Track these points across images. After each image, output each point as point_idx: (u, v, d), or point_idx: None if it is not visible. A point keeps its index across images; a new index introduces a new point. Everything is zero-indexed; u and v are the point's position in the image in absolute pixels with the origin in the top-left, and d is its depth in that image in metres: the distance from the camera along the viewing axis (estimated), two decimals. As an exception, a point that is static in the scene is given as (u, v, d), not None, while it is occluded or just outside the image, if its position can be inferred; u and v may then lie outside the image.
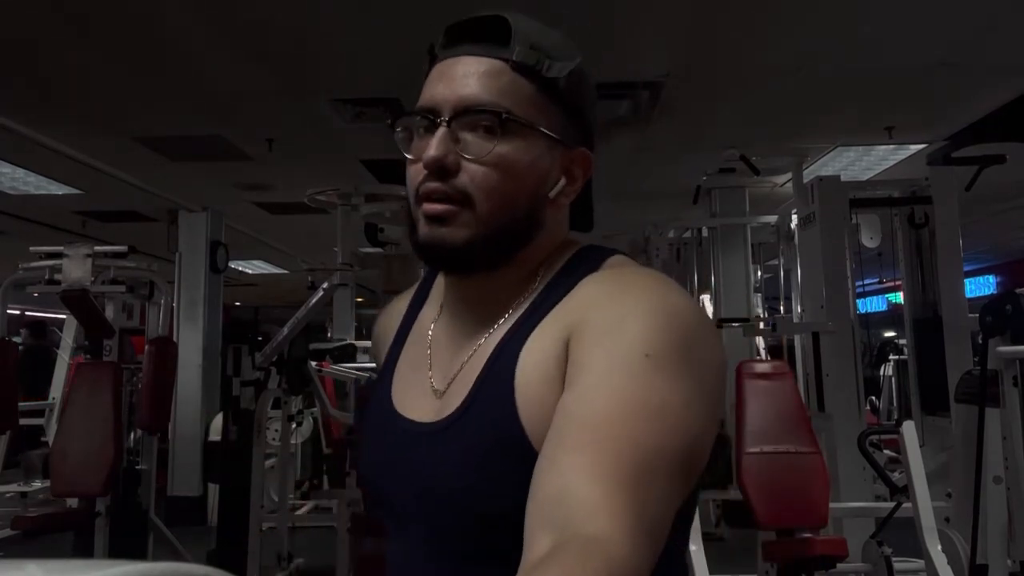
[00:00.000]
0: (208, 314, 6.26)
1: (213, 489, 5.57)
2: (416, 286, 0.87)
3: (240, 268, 9.97)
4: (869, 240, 4.24)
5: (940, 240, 3.69)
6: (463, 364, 0.72)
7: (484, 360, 0.70)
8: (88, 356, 4.37)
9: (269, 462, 4.70)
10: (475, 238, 0.69)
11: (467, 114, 0.69)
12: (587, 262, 0.73)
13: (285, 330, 3.65)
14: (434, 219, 0.69)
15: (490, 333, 0.72)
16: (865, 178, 5.65)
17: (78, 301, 3.60)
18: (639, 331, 0.61)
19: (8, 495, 4.69)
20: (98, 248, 3.72)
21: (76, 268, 3.57)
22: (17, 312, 11.79)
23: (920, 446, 2.83)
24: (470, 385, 0.69)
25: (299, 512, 4.77)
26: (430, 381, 0.75)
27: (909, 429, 2.83)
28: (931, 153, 4.67)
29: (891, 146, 4.97)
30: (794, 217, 4.36)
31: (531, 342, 0.67)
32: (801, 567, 2.68)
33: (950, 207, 3.65)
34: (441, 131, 0.69)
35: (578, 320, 0.65)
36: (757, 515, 2.61)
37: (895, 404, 7.09)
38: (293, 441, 5.16)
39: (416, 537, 0.70)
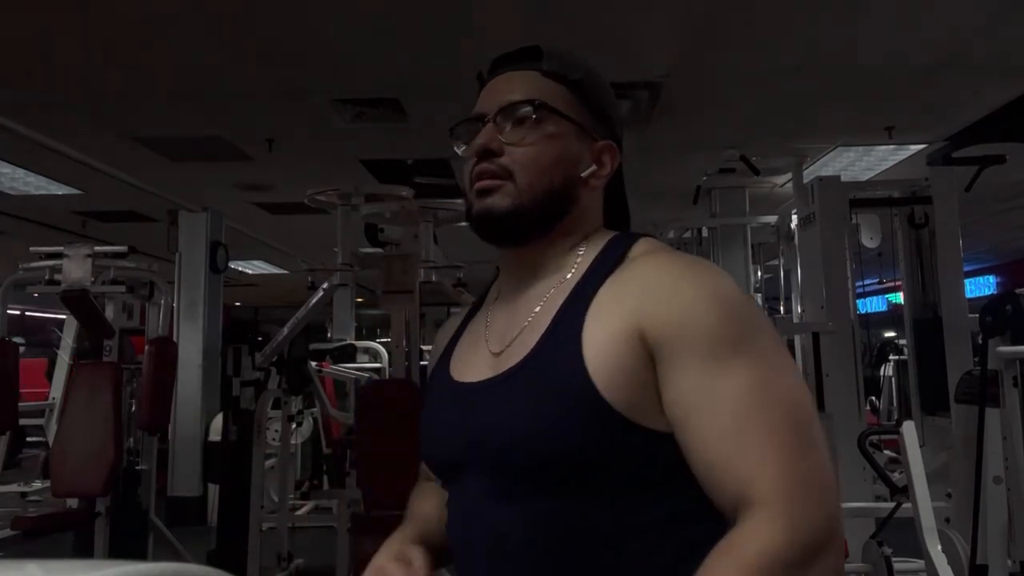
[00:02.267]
0: (208, 314, 6.26)
1: (213, 489, 5.57)
2: (474, 301, 1.00)
3: (240, 268, 9.97)
4: (869, 240, 4.24)
5: (940, 240, 3.68)
6: (522, 328, 0.82)
7: (547, 320, 0.80)
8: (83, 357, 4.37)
9: (269, 462, 4.70)
10: (517, 205, 0.82)
11: (508, 109, 0.84)
12: (623, 240, 0.85)
13: (285, 330, 3.65)
14: (483, 193, 0.83)
15: (545, 300, 0.83)
16: (865, 178, 5.65)
17: (78, 301, 3.60)
18: (715, 322, 0.73)
19: (8, 495, 4.68)
20: (98, 248, 3.72)
21: (76, 268, 3.57)
22: (17, 312, 11.79)
23: (920, 446, 2.82)
24: (532, 343, 0.79)
25: (299, 512, 4.77)
26: (487, 347, 0.85)
27: (909, 429, 2.83)
28: (931, 153, 4.67)
29: (891, 146, 4.97)
30: (794, 217, 4.36)
31: (596, 306, 0.77)
32: (801, 567, 2.67)
33: (950, 207, 3.65)
34: (487, 126, 0.84)
35: (655, 312, 0.74)
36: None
37: (895, 404, 7.08)
38: (293, 441, 5.16)
39: (480, 484, 0.78)
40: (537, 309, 0.83)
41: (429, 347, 2.36)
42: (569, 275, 0.83)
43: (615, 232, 0.88)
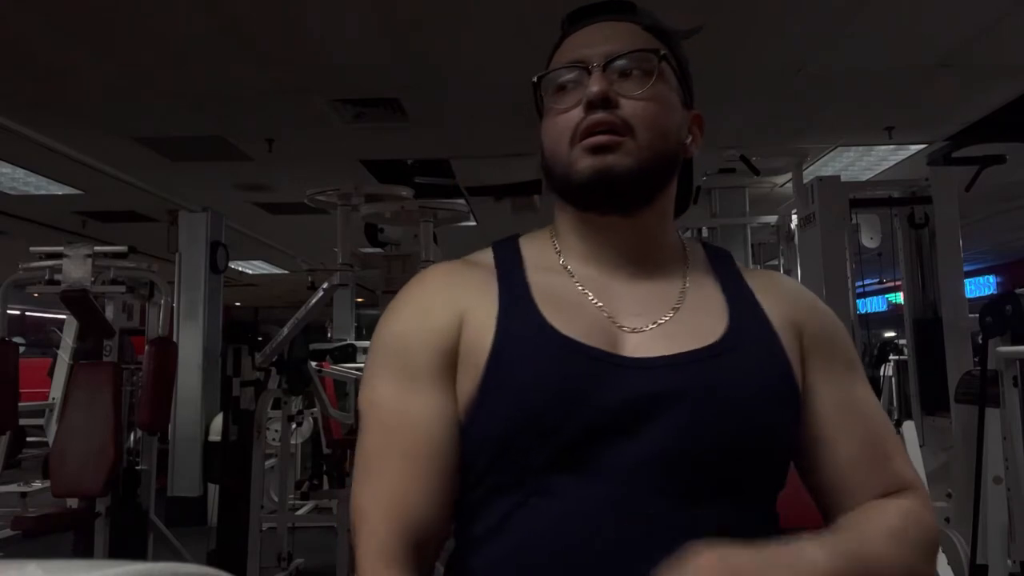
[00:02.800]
0: (208, 314, 6.26)
1: (213, 489, 5.57)
2: (487, 254, 0.81)
3: (240, 268, 9.96)
4: (869, 240, 4.24)
5: (940, 240, 3.68)
6: (676, 308, 0.76)
7: (716, 309, 0.77)
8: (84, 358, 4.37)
9: (269, 462, 4.70)
10: (640, 164, 0.73)
11: (619, 60, 0.74)
12: (718, 249, 0.88)
13: (285, 330, 3.65)
14: (600, 149, 0.72)
15: (686, 285, 0.79)
16: (865, 178, 5.65)
17: (78, 301, 3.60)
18: (847, 337, 0.84)
19: (8, 495, 4.68)
20: (98, 248, 3.71)
21: (76, 268, 3.57)
22: (17, 312, 11.79)
23: (920, 446, 2.82)
24: (717, 328, 0.74)
25: (299, 512, 4.76)
26: (610, 320, 0.73)
27: (909, 429, 2.82)
28: (931, 153, 4.66)
29: (891, 146, 4.97)
30: (794, 217, 4.36)
31: (768, 309, 0.78)
32: (801, 567, 2.67)
33: (950, 207, 3.64)
34: (598, 72, 0.73)
35: (808, 320, 0.80)
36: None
37: (895, 404, 7.07)
38: (293, 441, 5.16)
39: (646, 479, 0.65)
40: (681, 293, 0.77)
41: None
42: (686, 263, 0.81)
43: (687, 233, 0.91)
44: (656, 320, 0.73)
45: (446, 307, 0.74)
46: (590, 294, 0.75)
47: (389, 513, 0.67)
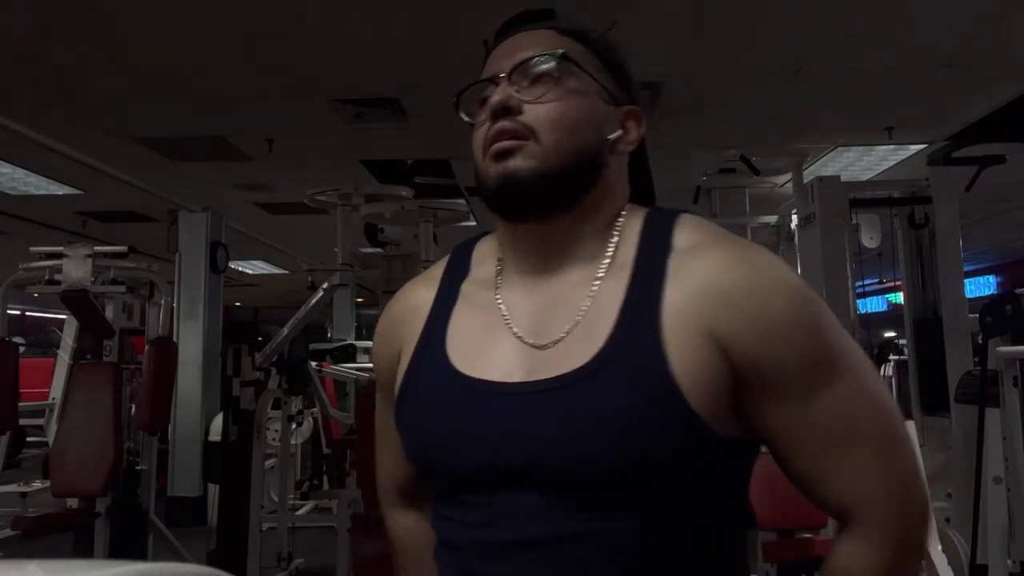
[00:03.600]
0: (208, 314, 6.26)
1: (213, 489, 5.57)
2: (441, 264, 0.85)
3: (240, 268, 9.97)
4: (869, 240, 4.24)
5: (940, 240, 3.68)
6: (575, 320, 0.71)
7: (611, 312, 0.70)
8: (88, 356, 4.37)
9: (269, 462, 4.70)
10: (543, 168, 0.71)
11: (525, 64, 0.74)
12: (664, 218, 0.77)
13: (285, 330, 3.65)
14: (502, 155, 0.72)
15: (596, 287, 0.72)
16: (865, 178, 5.65)
17: (78, 301, 3.60)
18: (823, 328, 0.70)
19: (8, 495, 4.68)
20: (98, 248, 3.72)
21: (76, 268, 3.57)
22: (17, 312, 11.79)
23: (920, 446, 2.83)
24: (598, 342, 0.68)
25: (299, 512, 4.76)
26: (516, 338, 0.73)
27: (909, 429, 2.82)
28: (931, 153, 4.67)
29: (891, 146, 4.97)
30: (794, 217, 4.36)
31: (669, 308, 0.69)
32: (801, 567, 2.68)
33: (950, 207, 3.64)
34: (502, 84, 0.74)
35: (740, 326, 0.68)
36: (757, 516, 2.60)
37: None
38: (293, 441, 5.16)
39: (531, 503, 0.67)
40: (589, 297, 0.72)
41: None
42: (607, 258, 0.74)
43: (647, 208, 0.80)
44: (557, 337, 0.71)
45: (391, 341, 0.83)
46: (504, 310, 0.75)
47: (382, 476, 0.90)
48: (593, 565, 0.66)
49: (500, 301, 0.76)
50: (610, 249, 0.75)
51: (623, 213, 0.78)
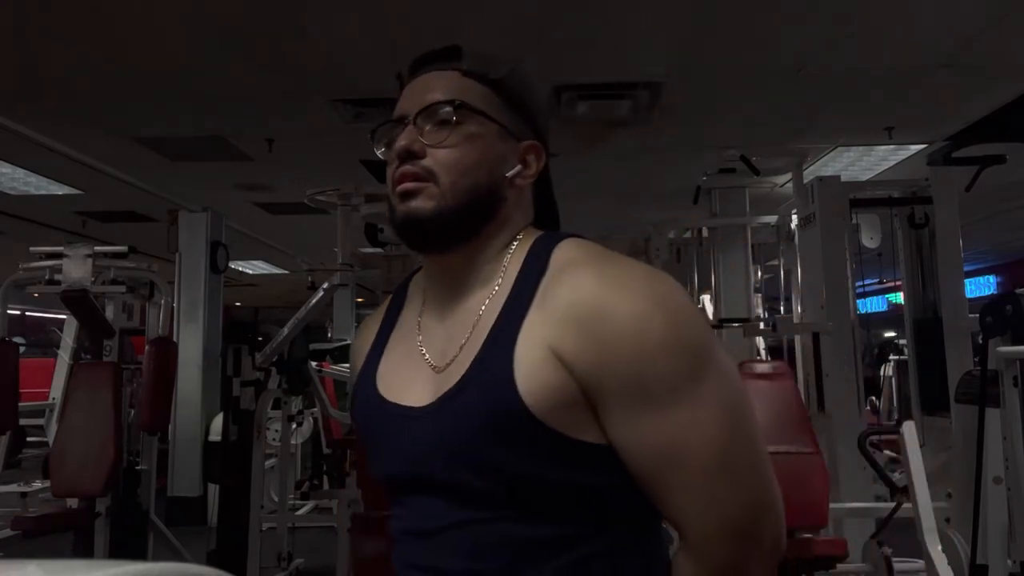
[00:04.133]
0: (208, 314, 6.27)
1: (213, 489, 5.57)
2: (388, 299, 0.97)
3: (240, 268, 9.97)
4: (869, 240, 4.24)
5: (940, 240, 3.68)
6: (460, 345, 0.79)
7: (481, 340, 0.77)
8: (88, 356, 4.37)
9: (269, 462, 4.70)
10: (441, 207, 0.79)
11: (428, 110, 0.81)
12: (547, 242, 0.82)
13: (285, 330, 3.65)
14: (406, 195, 0.80)
15: (481, 313, 0.80)
16: (865, 178, 5.65)
17: (78, 301, 3.60)
18: (664, 352, 0.71)
19: (8, 495, 4.68)
20: (98, 248, 3.72)
21: (76, 268, 3.57)
22: (17, 312, 11.79)
23: (920, 446, 2.83)
24: (467, 364, 0.76)
25: (299, 512, 4.77)
26: (426, 362, 0.82)
27: (909, 429, 2.83)
28: (931, 153, 4.67)
29: (891, 146, 4.97)
30: (794, 217, 4.36)
31: (527, 328, 0.74)
32: (801, 567, 2.68)
33: (950, 207, 3.65)
34: (407, 128, 0.81)
35: (583, 348, 0.71)
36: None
37: (895, 404, 7.08)
38: (293, 441, 5.16)
39: (438, 506, 0.77)
40: (475, 320, 0.80)
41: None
42: (498, 283, 0.81)
43: (541, 232, 0.86)
44: (450, 359, 0.79)
45: (355, 369, 0.94)
46: (420, 337, 0.85)
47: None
48: (478, 548, 0.74)
49: (419, 327, 0.86)
50: (500, 273, 0.82)
51: (518, 238, 0.84)
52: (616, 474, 0.74)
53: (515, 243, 0.84)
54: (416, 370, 0.82)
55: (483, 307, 0.80)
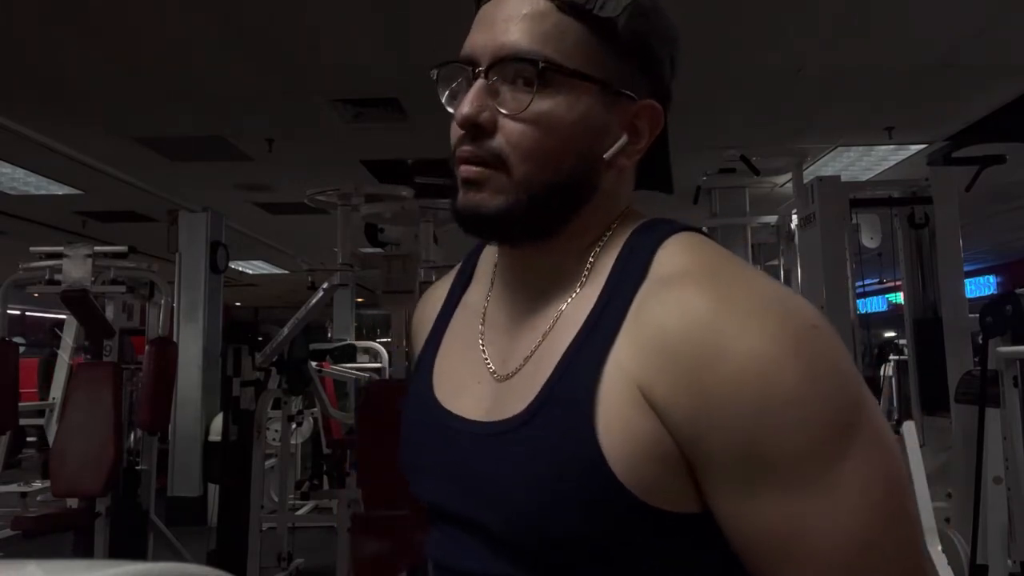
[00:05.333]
0: (208, 314, 6.27)
1: (213, 489, 5.57)
2: (458, 267, 0.81)
3: (240, 268, 9.97)
4: (869, 240, 4.24)
5: (940, 240, 3.68)
6: (528, 355, 0.65)
7: (555, 359, 0.62)
8: (88, 356, 4.37)
9: (269, 462, 4.70)
10: (512, 205, 0.62)
11: (504, 63, 0.62)
12: (649, 236, 0.65)
13: (285, 330, 3.65)
14: (468, 183, 0.64)
15: (557, 318, 0.64)
16: (865, 178, 5.65)
17: (78, 301, 3.60)
18: (795, 412, 0.52)
19: (8, 495, 4.69)
20: (98, 248, 3.71)
21: (76, 268, 3.57)
22: (17, 312, 11.79)
23: (920, 446, 2.83)
24: (538, 385, 0.61)
25: (299, 512, 4.77)
26: (486, 366, 0.68)
27: (909, 429, 2.83)
28: (931, 153, 4.67)
29: (891, 146, 4.97)
30: (794, 217, 4.36)
31: (616, 355, 0.58)
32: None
33: (950, 207, 3.64)
34: (477, 84, 0.63)
35: (682, 396, 0.55)
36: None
37: (895, 404, 7.08)
38: (293, 441, 5.16)
39: (477, 549, 0.64)
40: (545, 333, 0.64)
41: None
42: (580, 285, 0.65)
43: (641, 220, 0.67)
44: (515, 367, 0.66)
45: (415, 346, 0.82)
46: (483, 328, 0.71)
47: None
48: None
49: (483, 318, 0.72)
50: (584, 271, 0.65)
51: (613, 225, 0.67)
52: (705, 549, 0.58)
53: (607, 234, 0.66)
54: (473, 373, 0.69)
55: (559, 313, 0.64)
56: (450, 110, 0.66)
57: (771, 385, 0.52)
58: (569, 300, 0.65)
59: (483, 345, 0.70)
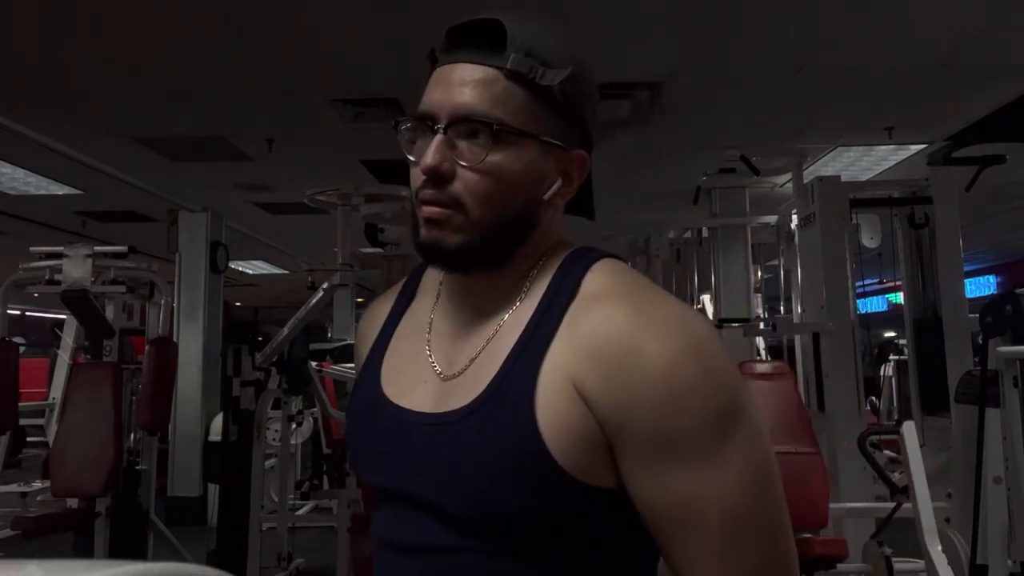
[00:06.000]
0: (208, 314, 6.27)
1: (213, 489, 5.57)
2: (401, 283, 0.92)
3: (240, 268, 9.97)
4: (869, 240, 4.24)
5: (940, 240, 3.68)
6: (473, 358, 0.75)
7: (500, 357, 0.72)
8: (88, 356, 4.37)
9: (269, 462, 4.70)
10: (469, 241, 0.73)
11: (461, 122, 0.72)
12: (579, 262, 0.76)
13: (285, 330, 3.65)
14: (430, 222, 0.74)
15: (499, 328, 0.75)
16: (865, 178, 5.65)
17: (78, 301, 3.60)
18: (695, 402, 0.65)
19: (8, 495, 4.69)
20: (98, 248, 3.72)
21: (76, 268, 3.57)
22: (17, 312, 11.79)
23: (920, 446, 2.83)
24: (484, 382, 0.71)
25: (299, 512, 4.77)
26: (432, 368, 0.77)
27: (909, 429, 2.83)
28: (931, 153, 4.67)
29: (891, 146, 4.97)
30: (794, 217, 4.36)
31: (552, 357, 0.69)
32: (801, 567, 2.68)
33: (950, 207, 3.65)
34: (437, 138, 0.72)
35: (604, 385, 0.66)
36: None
37: (895, 404, 7.08)
38: (293, 441, 5.16)
39: (422, 528, 0.72)
40: (491, 335, 0.75)
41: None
42: (519, 301, 0.76)
43: (570, 248, 0.79)
44: (460, 368, 0.75)
45: (359, 356, 0.89)
46: (429, 335, 0.81)
47: None
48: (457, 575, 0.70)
49: (429, 328, 0.81)
50: (523, 289, 0.76)
51: (547, 252, 0.78)
52: (620, 518, 0.70)
53: (541, 260, 0.78)
54: (420, 373, 0.78)
55: (500, 324, 0.75)
56: (409, 157, 0.76)
57: (677, 379, 0.65)
58: (510, 312, 0.76)
59: (430, 351, 0.79)
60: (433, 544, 0.71)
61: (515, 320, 0.74)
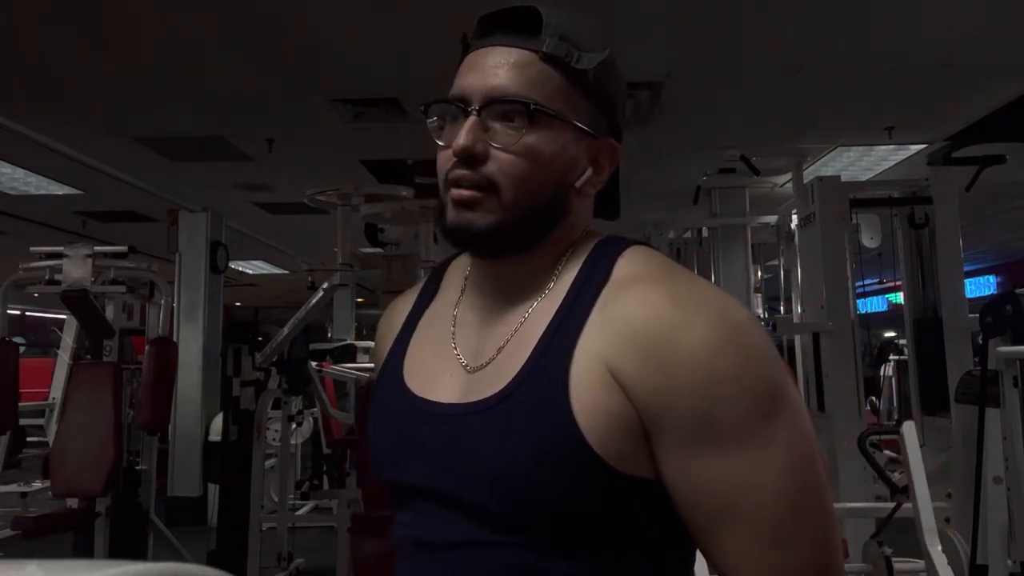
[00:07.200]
0: (208, 314, 6.27)
1: (213, 489, 5.57)
2: (423, 280, 0.89)
3: (240, 268, 9.97)
4: (869, 240, 4.24)
5: (940, 240, 3.68)
6: (501, 347, 0.73)
7: (529, 345, 0.70)
8: (88, 356, 4.37)
9: (269, 462, 4.70)
10: (501, 223, 0.71)
11: (496, 104, 0.71)
12: (609, 249, 0.75)
13: (285, 330, 3.65)
14: (461, 204, 0.71)
15: (528, 315, 0.73)
16: (865, 178, 5.65)
17: (78, 301, 3.60)
18: (736, 387, 0.63)
19: (8, 495, 4.69)
20: (98, 248, 3.72)
21: (76, 268, 3.57)
22: (17, 312, 11.79)
23: (920, 446, 2.83)
24: (513, 370, 0.69)
25: (299, 512, 4.77)
26: (457, 360, 0.75)
27: (909, 429, 2.83)
28: (931, 153, 4.67)
29: (891, 146, 4.97)
30: (794, 217, 4.36)
31: (585, 342, 0.67)
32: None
33: (950, 207, 3.65)
34: (471, 120, 0.71)
35: (641, 371, 0.64)
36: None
37: (895, 404, 7.08)
38: (293, 441, 5.16)
39: (450, 523, 0.69)
40: (518, 325, 0.73)
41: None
42: (548, 288, 0.74)
43: (600, 236, 0.78)
44: (487, 359, 0.73)
45: (378, 352, 0.87)
46: (454, 329, 0.78)
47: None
48: (491, 572, 0.68)
49: (454, 320, 0.79)
50: (552, 278, 0.75)
51: (576, 241, 0.77)
52: (657, 512, 0.67)
53: (571, 249, 0.76)
54: (445, 366, 0.76)
55: (529, 311, 0.73)
56: (437, 141, 0.75)
57: (716, 364, 0.63)
58: (540, 299, 0.73)
59: (455, 343, 0.77)
60: (461, 539, 0.69)
61: (545, 306, 0.72)
